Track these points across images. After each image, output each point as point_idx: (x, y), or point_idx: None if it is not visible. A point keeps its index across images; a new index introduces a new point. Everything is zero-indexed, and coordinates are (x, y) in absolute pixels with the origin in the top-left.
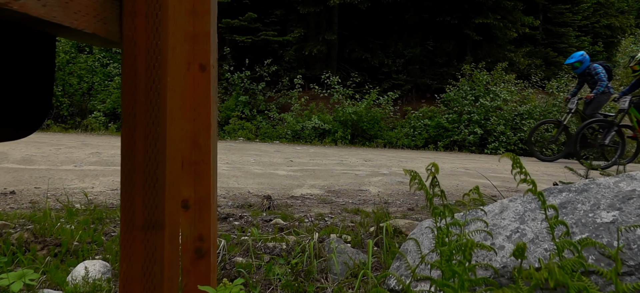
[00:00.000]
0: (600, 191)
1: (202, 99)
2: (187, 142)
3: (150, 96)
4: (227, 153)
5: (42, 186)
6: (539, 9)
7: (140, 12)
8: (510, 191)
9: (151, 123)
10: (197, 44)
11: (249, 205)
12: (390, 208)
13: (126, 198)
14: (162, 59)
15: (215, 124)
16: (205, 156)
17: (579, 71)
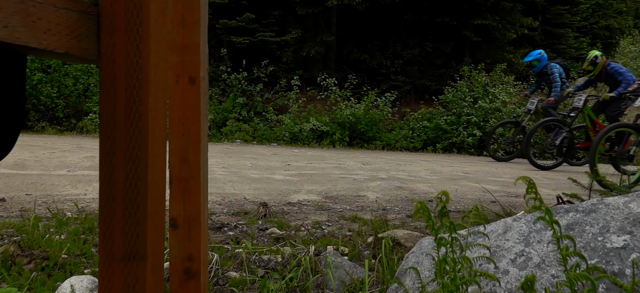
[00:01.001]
0: (609, 213)
1: (192, 113)
2: (176, 158)
3: (130, 118)
4: (223, 156)
5: (33, 193)
6: (538, 10)
7: (120, 27)
8: (510, 196)
9: (132, 147)
10: (186, 56)
11: (244, 213)
12: (389, 215)
13: (105, 226)
14: (143, 78)
15: (205, 139)
16: (195, 173)
17: (537, 70)
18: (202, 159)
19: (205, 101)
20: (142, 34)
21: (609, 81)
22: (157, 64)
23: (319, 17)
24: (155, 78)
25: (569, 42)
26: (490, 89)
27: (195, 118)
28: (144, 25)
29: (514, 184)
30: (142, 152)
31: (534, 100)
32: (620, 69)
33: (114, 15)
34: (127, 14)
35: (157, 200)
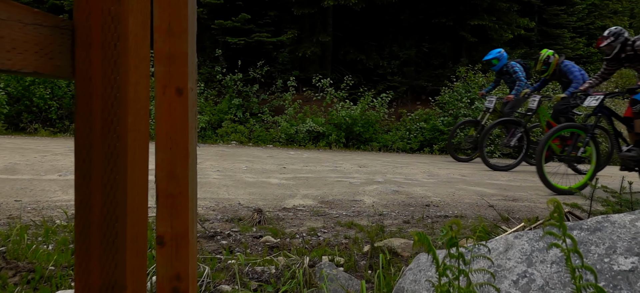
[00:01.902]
0: (615, 232)
1: (179, 126)
2: (163, 173)
3: (108, 140)
4: (218, 159)
5: (23, 198)
6: (534, 11)
7: (96, 42)
8: (508, 199)
9: (110, 171)
10: (173, 66)
11: (238, 219)
12: (386, 221)
13: (80, 256)
14: (122, 97)
15: (194, 153)
16: (183, 189)
17: (496, 69)
18: (191, 174)
19: (193, 114)
20: (120, 49)
21: (563, 79)
22: (137, 81)
23: (315, 18)
24: (135, 96)
25: (565, 42)
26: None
27: (183, 131)
28: (122, 40)
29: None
30: (121, 176)
31: (492, 98)
32: (572, 68)
33: (89, 30)
34: (103, 28)
35: (138, 225)
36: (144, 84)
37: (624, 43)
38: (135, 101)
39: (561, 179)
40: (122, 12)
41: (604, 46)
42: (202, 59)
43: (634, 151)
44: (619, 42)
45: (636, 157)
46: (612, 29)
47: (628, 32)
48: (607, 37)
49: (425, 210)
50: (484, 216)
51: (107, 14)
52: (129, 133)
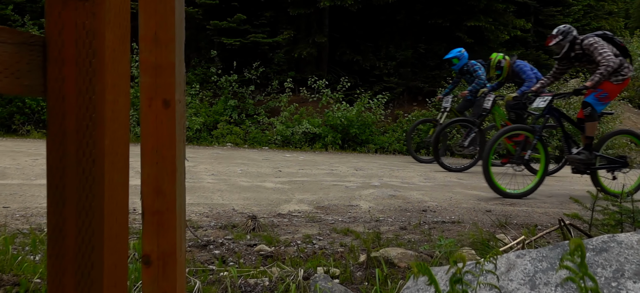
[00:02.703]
0: (622, 253)
1: (166, 140)
2: (149, 189)
3: (82, 164)
4: (213, 162)
5: (12, 205)
6: (530, 11)
7: (70, 59)
8: (505, 204)
9: (84, 197)
10: (159, 77)
11: (232, 226)
12: (382, 227)
13: (54, 288)
14: (98, 117)
15: (182, 167)
16: (170, 205)
17: (456, 68)
18: (178, 189)
19: (181, 126)
20: (96, 66)
21: (517, 79)
22: (115, 100)
23: (311, 18)
24: (113, 116)
25: None
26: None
27: (170, 145)
28: (98, 56)
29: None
30: (97, 202)
31: (448, 98)
32: (525, 67)
33: (62, 45)
34: (77, 44)
35: (117, 253)
36: (123, 102)
37: (573, 42)
38: (113, 121)
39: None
40: (98, 26)
41: (552, 45)
42: (198, 60)
43: (582, 154)
44: (568, 40)
45: (585, 160)
46: (561, 27)
47: (576, 29)
48: (556, 36)
49: (422, 216)
50: (481, 221)
51: (82, 28)
52: (106, 155)
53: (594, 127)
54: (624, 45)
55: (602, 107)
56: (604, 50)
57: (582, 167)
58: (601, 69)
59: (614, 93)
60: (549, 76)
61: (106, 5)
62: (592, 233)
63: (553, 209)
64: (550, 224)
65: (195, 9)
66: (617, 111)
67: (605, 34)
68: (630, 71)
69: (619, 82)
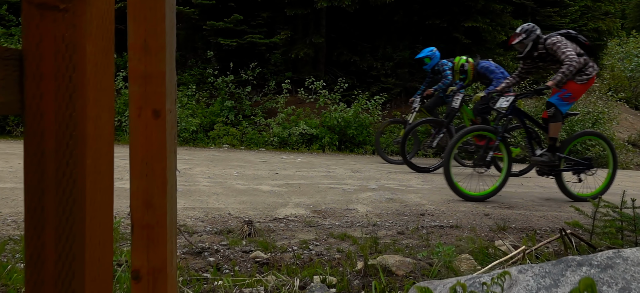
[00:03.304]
0: (628, 270)
1: (157, 151)
2: (138, 202)
3: (62, 185)
4: (209, 164)
5: (3, 209)
6: (527, 12)
7: (48, 74)
8: (503, 207)
9: (64, 220)
10: (149, 86)
11: (228, 231)
12: (380, 232)
13: None
14: (79, 135)
15: (173, 179)
16: (161, 218)
17: (428, 67)
18: (169, 202)
19: (172, 137)
20: (76, 81)
21: (484, 80)
22: (98, 116)
23: (309, 19)
24: (95, 133)
25: None
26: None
27: (161, 157)
28: (78, 70)
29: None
30: (78, 226)
31: (417, 98)
32: (490, 67)
33: (40, 59)
34: (57, 57)
35: (100, 279)
36: (107, 118)
37: (536, 41)
38: (96, 139)
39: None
40: (79, 39)
41: (515, 44)
42: (194, 61)
43: (545, 156)
44: (531, 39)
45: (547, 162)
46: (525, 25)
47: (545, 29)
48: (519, 35)
49: (420, 220)
50: (480, 225)
51: (61, 41)
52: (88, 176)
53: (557, 128)
54: (589, 44)
55: (567, 107)
56: (566, 49)
57: (545, 169)
58: (563, 68)
59: (579, 93)
60: (514, 75)
61: (87, 17)
62: (593, 242)
63: (551, 212)
64: (549, 228)
65: (192, 9)
66: (614, 112)
67: (569, 33)
68: (595, 70)
69: (584, 82)
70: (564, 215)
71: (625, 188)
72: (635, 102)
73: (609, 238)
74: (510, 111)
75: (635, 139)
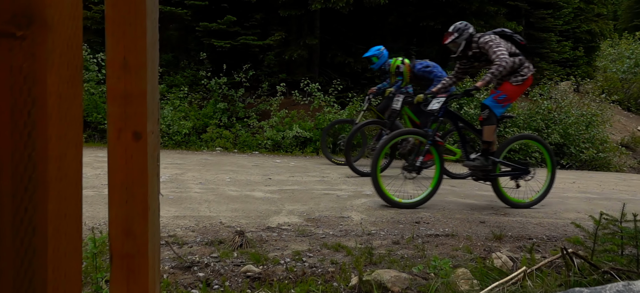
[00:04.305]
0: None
1: (137, 175)
2: (118, 230)
3: (20, 234)
4: (201, 169)
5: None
6: (521, 14)
7: (4, 109)
8: (499, 214)
9: (23, 273)
10: (129, 106)
11: (219, 242)
12: (374, 241)
13: None
14: (38, 178)
15: (155, 205)
16: (142, 247)
17: (376, 67)
18: (151, 229)
19: (154, 160)
20: (36, 117)
21: (424, 81)
22: (62, 154)
23: (303, 20)
24: (59, 175)
25: (552, 46)
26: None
27: (142, 181)
28: (38, 105)
29: None
30: (39, 279)
31: (367, 97)
32: (428, 67)
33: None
34: (13, 91)
35: None
36: (73, 155)
37: (470, 40)
38: (60, 180)
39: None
40: (39, 69)
41: (448, 43)
42: (187, 62)
43: (478, 160)
44: (464, 38)
45: (480, 166)
46: (457, 24)
47: (473, 27)
48: (452, 33)
49: (415, 228)
50: (476, 233)
51: (18, 73)
52: (51, 222)
53: (491, 131)
54: (525, 44)
55: (502, 110)
56: (498, 48)
57: (480, 174)
58: (493, 68)
59: (514, 95)
60: (451, 76)
61: (49, 45)
62: (595, 260)
63: (547, 219)
64: (545, 236)
65: (184, 10)
66: (607, 114)
67: (504, 32)
68: (531, 70)
69: (519, 83)
70: (560, 222)
71: (619, 193)
72: (628, 104)
73: (611, 256)
74: (441, 113)
75: (628, 141)
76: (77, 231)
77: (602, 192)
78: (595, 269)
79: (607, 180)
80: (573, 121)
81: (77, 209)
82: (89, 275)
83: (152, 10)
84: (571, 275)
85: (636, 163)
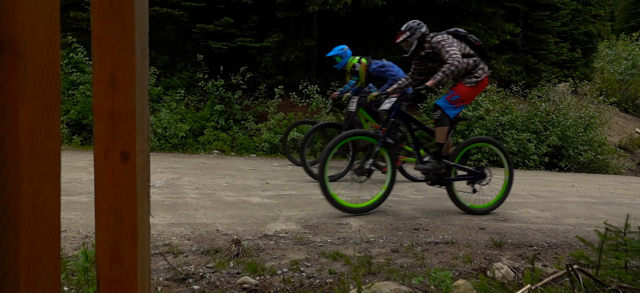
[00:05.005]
0: None
1: (126, 198)
2: (105, 255)
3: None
4: (197, 173)
5: None
6: (519, 16)
7: None
8: (498, 219)
9: None
10: (117, 126)
11: (215, 251)
12: (373, 250)
13: None
14: (9, 220)
15: (144, 228)
16: (131, 273)
17: (339, 67)
18: (141, 254)
19: (143, 180)
20: (6, 154)
21: (380, 81)
22: (37, 192)
23: (300, 22)
24: (32, 214)
25: (550, 47)
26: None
27: (130, 204)
28: (8, 141)
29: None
30: None
31: (330, 101)
32: (383, 67)
33: None
34: None
35: None
36: (49, 191)
37: (423, 39)
38: (33, 221)
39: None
40: (9, 102)
41: (400, 42)
42: (183, 64)
43: (429, 163)
44: (416, 37)
45: (431, 169)
46: (410, 22)
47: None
48: (403, 33)
49: (414, 236)
50: (475, 241)
51: None
52: (23, 267)
53: (443, 133)
54: (480, 44)
55: (455, 111)
56: (451, 48)
57: (433, 178)
58: (445, 67)
59: (468, 96)
60: (406, 77)
61: (20, 75)
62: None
63: (547, 225)
64: (546, 244)
65: (181, 12)
66: (605, 116)
67: (458, 32)
68: (485, 72)
69: (473, 85)
70: (560, 229)
71: (618, 197)
72: (625, 106)
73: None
74: (393, 114)
75: (626, 143)
76: (54, 273)
77: (602, 196)
78: (601, 286)
79: (606, 183)
80: (571, 123)
81: (53, 249)
82: (81, 287)
83: (141, 23)
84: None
85: (634, 165)
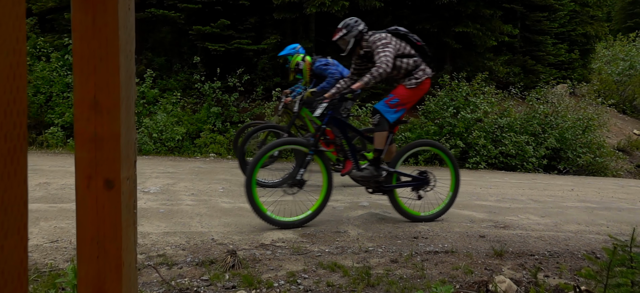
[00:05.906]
0: None
1: (109, 228)
2: (88, 289)
3: None
4: (193, 178)
5: None
6: (517, 17)
7: None
8: (498, 226)
9: None
10: (100, 152)
11: (210, 261)
12: (372, 259)
13: None
14: None
15: (131, 259)
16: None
17: (289, 66)
18: (126, 287)
19: (129, 210)
20: None
21: (322, 80)
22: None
23: (297, 24)
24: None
25: (548, 48)
26: (471, 99)
27: (115, 235)
28: None
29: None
30: None
31: (281, 101)
32: (326, 64)
33: None
34: None
35: None
36: (14, 243)
37: (360, 38)
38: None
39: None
40: None
41: (337, 40)
42: (180, 66)
43: (367, 170)
44: (353, 35)
45: (369, 176)
46: (347, 20)
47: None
48: (341, 30)
49: (413, 245)
50: (476, 249)
51: None
52: None
53: (383, 138)
54: (422, 44)
55: (395, 115)
56: (384, 49)
57: (372, 185)
58: (373, 69)
59: (409, 99)
60: (347, 77)
61: None
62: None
63: (548, 233)
64: (547, 252)
65: (177, 14)
66: (604, 118)
67: (398, 30)
68: (426, 73)
69: (413, 87)
70: (561, 236)
71: (619, 201)
72: (623, 107)
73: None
74: (326, 120)
75: (624, 145)
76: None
77: (602, 201)
78: None
79: (606, 187)
80: (569, 125)
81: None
82: None
83: (126, 42)
84: None
85: (633, 168)
